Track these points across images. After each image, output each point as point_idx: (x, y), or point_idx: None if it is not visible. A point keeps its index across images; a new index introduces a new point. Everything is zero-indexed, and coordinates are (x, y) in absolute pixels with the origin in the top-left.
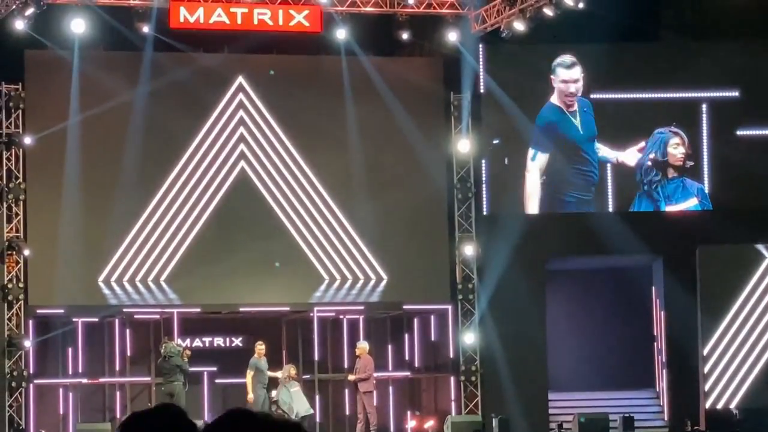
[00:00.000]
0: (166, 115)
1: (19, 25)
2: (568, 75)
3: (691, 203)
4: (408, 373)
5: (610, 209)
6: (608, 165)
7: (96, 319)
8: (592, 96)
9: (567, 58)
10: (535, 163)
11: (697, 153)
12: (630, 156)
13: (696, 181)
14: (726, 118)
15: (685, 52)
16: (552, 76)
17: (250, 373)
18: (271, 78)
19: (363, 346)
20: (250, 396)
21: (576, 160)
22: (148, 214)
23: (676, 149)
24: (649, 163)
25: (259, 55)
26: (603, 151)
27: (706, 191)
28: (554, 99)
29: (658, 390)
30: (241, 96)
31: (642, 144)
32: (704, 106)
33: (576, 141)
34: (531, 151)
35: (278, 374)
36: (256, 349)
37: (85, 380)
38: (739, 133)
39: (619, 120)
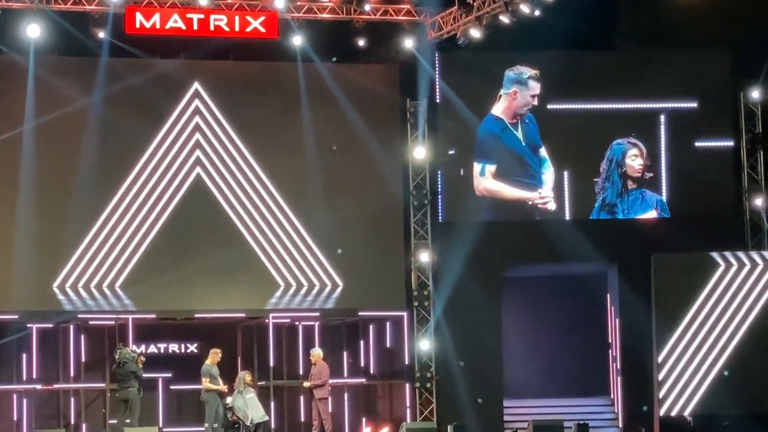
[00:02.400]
0: (122, 121)
1: None
2: (537, 88)
3: (650, 215)
4: (363, 380)
5: (567, 217)
6: (565, 173)
7: (50, 325)
8: (548, 106)
9: (533, 71)
10: (486, 176)
11: (656, 163)
12: None
13: (654, 191)
14: (684, 130)
15: (643, 61)
16: (515, 88)
17: (205, 380)
18: (228, 84)
19: (317, 352)
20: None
21: (519, 171)
22: (104, 219)
23: (635, 161)
24: (602, 169)
25: (215, 61)
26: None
27: (664, 200)
28: (497, 111)
29: (612, 397)
30: (197, 102)
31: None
32: (662, 117)
33: (519, 152)
34: (477, 165)
35: (223, 388)
36: (213, 356)
37: (39, 386)
38: (697, 144)
39: (576, 131)
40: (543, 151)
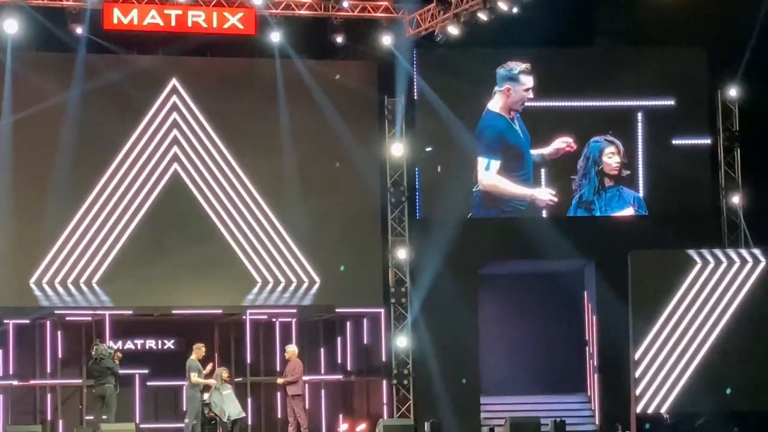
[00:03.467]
0: (100, 117)
1: None
2: (530, 82)
3: (627, 212)
4: (340, 377)
5: (544, 214)
6: (542, 170)
7: (27, 321)
8: (525, 104)
9: (525, 65)
10: (491, 171)
11: (633, 161)
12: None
13: (631, 188)
14: (661, 127)
15: (620, 59)
16: (508, 85)
17: (194, 375)
18: (205, 80)
19: (292, 349)
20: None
21: (518, 167)
22: (81, 215)
23: (612, 158)
24: (580, 167)
25: (193, 58)
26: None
27: (642, 197)
28: (495, 107)
29: (589, 394)
30: (174, 98)
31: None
32: (640, 115)
33: (521, 148)
34: (483, 161)
35: (211, 382)
36: (198, 351)
37: (15, 382)
38: (674, 142)
39: (553, 128)
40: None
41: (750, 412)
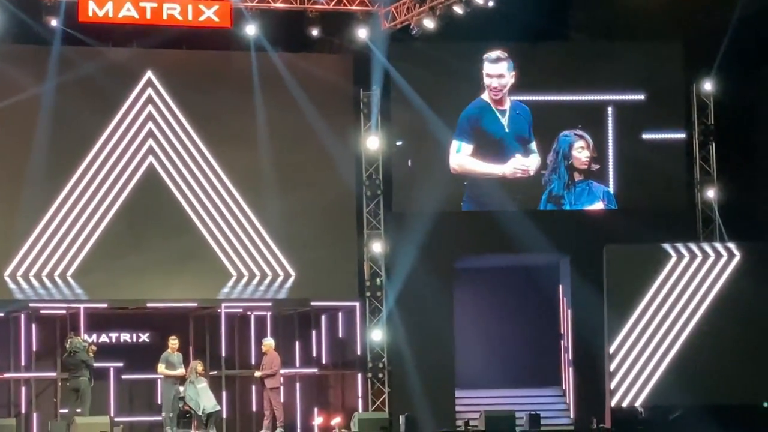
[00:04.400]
0: (75, 110)
1: None
2: (491, 69)
3: (597, 207)
4: (315, 370)
5: (514, 209)
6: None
7: (1, 314)
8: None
9: (493, 53)
10: (461, 153)
11: (603, 155)
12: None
13: (601, 183)
14: (632, 122)
15: (595, 53)
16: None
17: (161, 366)
18: (181, 73)
19: (269, 342)
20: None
21: (496, 155)
22: (56, 208)
23: (581, 153)
24: (549, 161)
25: (168, 50)
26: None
27: (611, 192)
28: (485, 95)
29: (564, 388)
30: (149, 91)
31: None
32: (610, 109)
33: (498, 137)
34: (455, 143)
35: (178, 373)
36: (170, 344)
37: None
38: (644, 136)
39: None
40: (533, 146)
41: (724, 406)
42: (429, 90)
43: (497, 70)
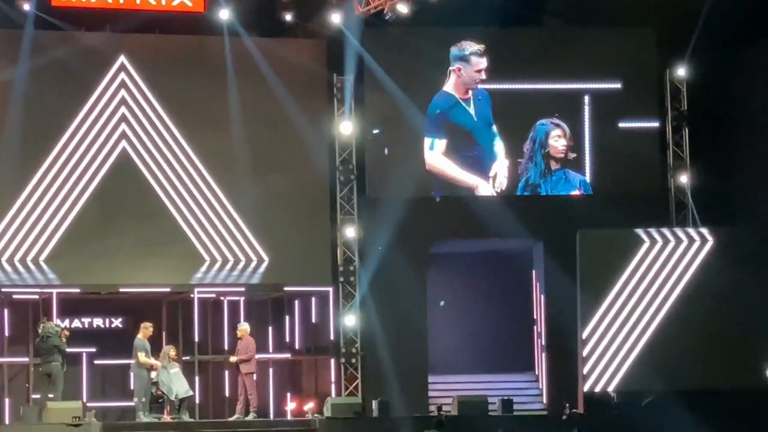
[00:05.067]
0: (47, 94)
1: None
2: (482, 63)
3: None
4: (288, 355)
5: (490, 193)
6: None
7: None
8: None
9: (478, 47)
10: (435, 150)
11: (579, 144)
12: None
13: (577, 171)
14: (608, 110)
15: (569, 40)
16: (458, 65)
17: (141, 354)
18: (154, 58)
19: (244, 327)
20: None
21: (469, 147)
22: (28, 193)
23: (558, 141)
24: (526, 149)
25: (141, 35)
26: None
27: (588, 180)
28: (449, 87)
29: (537, 373)
30: (123, 75)
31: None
32: (587, 98)
33: (469, 128)
34: (428, 140)
35: (158, 363)
36: (145, 331)
37: None
38: (621, 125)
39: (500, 111)
40: (495, 128)
41: (696, 391)
42: (402, 75)
43: (484, 63)
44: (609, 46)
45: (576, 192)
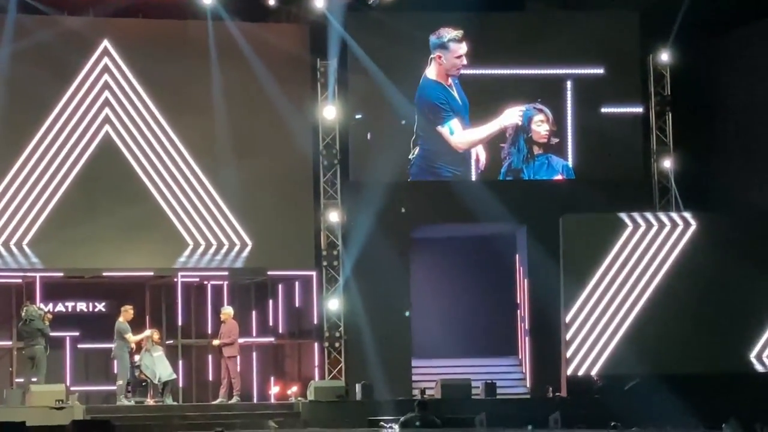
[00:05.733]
0: (30, 78)
1: None
2: (461, 49)
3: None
4: (272, 339)
5: (473, 178)
6: None
7: None
8: (460, 70)
9: (456, 33)
10: (456, 132)
11: (561, 129)
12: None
13: (560, 156)
14: (591, 95)
15: (551, 24)
16: (438, 53)
17: (129, 335)
18: (137, 42)
19: (227, 311)
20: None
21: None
22: (11, 177)
23: (540, 126)
24: (508, 134)
25: (124, 19)
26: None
27: (570, 165)
28: (431, 74)
29: (520, 357)
30: (106, 60)
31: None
32: (569, 83)
33: (458, 112)
34: (443, 129)
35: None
36: (125, 314)
37: None
38: (604, 110)
39: (482, 96)
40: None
41: (679, 375)
42: (386, 60)
43: (464, 49)
44: (592, 30)
45: (559, 177)
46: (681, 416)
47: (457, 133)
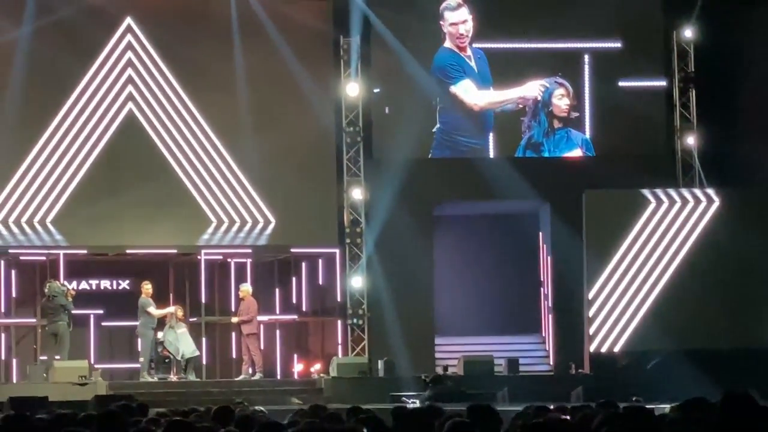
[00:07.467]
0: (53, 55)
1: None
2: (455, 17)
3: (575, 154)
4: (295, 317)
5: (491, 155)
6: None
7: None
8: (474, 45)
9: (452, 1)
10: (470, 91)
11: (580, 103)
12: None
13: (579, 130)
14: (608, 69)
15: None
16: (441, 22)
17: (152, 308)
18: (160, 18)
19: (246, 288)
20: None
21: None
22: (35, 154)
23: (561, 100)
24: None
25: None
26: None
27: (589, 139)
28: (448, 43)
29: (544, 335)
30: (129, 37)
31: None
32: (587, 57)
33: (476, 80)
34: (458, 88)
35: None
36: (145, 289)
37: None
38: (621, 84)
39: (501, 70)
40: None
41: (702, 351)
42: (409, 36)
43: (461, 17)
44: (612, 4)
45: (578, 151)
46: (703, 392)
47: (472, 91)
